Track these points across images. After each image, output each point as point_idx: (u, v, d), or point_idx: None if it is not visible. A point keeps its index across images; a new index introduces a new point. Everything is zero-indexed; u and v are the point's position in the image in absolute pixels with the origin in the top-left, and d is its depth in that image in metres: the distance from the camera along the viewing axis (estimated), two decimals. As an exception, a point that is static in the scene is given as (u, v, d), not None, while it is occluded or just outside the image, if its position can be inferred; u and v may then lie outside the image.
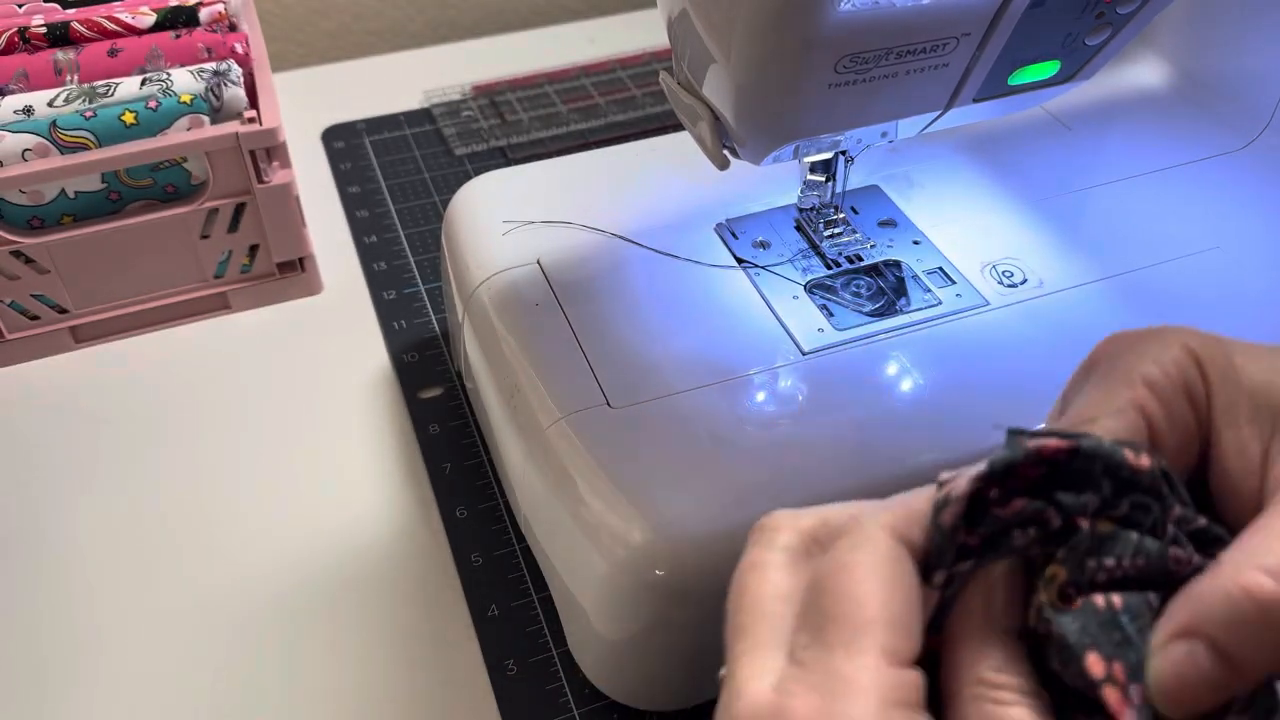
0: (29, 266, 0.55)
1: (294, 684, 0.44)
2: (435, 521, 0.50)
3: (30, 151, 0.53)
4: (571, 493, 0.40)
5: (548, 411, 0.42)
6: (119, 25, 0.59)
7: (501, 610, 0.46)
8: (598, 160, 0.55)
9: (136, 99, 0.55)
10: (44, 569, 0.48)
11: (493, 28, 0.93)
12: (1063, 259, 0.48)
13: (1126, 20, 0.41)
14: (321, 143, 0.74)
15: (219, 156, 0.55)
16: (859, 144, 0.44)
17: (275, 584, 0.48)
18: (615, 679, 0.42)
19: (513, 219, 0.50)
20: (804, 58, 0.36)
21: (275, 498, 0.51)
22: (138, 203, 0.57)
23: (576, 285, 0.47)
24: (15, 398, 0.56)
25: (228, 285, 0.60)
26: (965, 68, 0.40)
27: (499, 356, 0.46)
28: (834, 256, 0.48)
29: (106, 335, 0.59)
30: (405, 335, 0.59)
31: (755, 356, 0.44)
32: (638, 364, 0.43)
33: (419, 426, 0.54)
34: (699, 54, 0.39)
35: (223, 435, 0.54)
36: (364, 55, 0.90)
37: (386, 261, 0.64)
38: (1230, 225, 0.49)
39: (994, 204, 0.51)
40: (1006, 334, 0.44)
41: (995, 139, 0.54)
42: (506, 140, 0.73)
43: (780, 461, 0.40)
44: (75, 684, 0.44)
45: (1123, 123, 0.56)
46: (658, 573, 0.37)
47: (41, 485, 0.52)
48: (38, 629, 0.46)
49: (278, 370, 0.58)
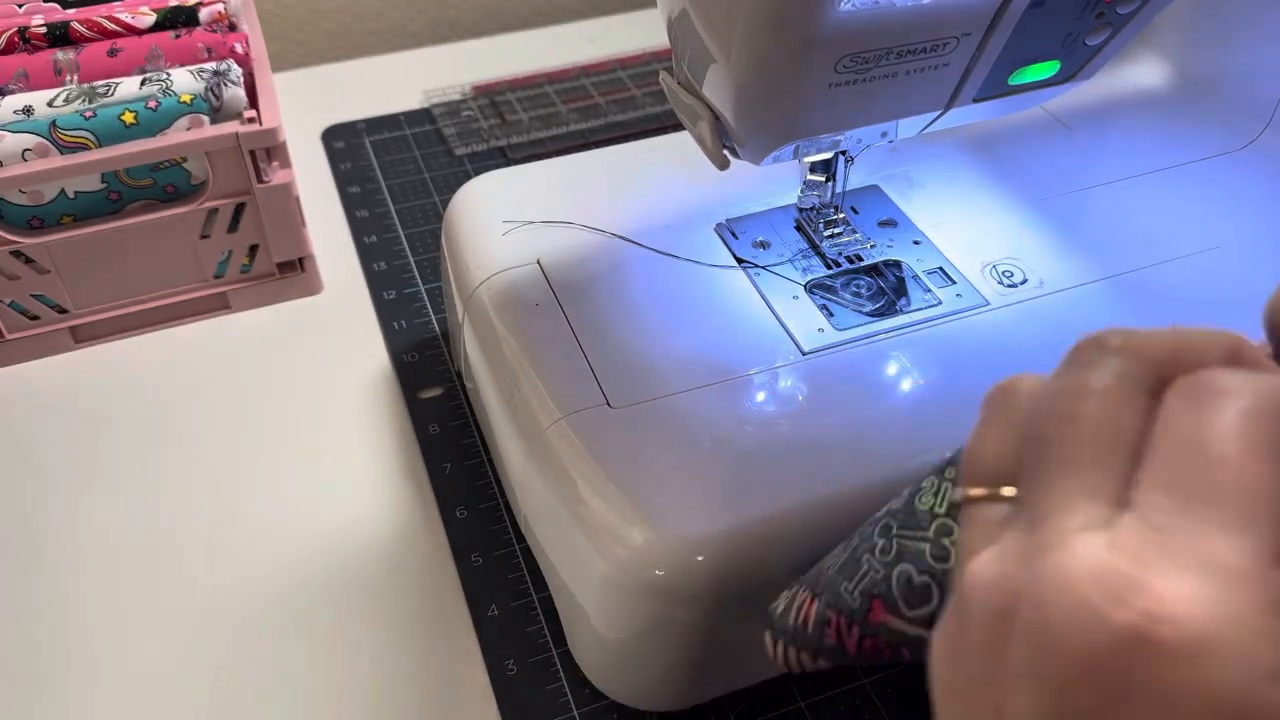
0: (29, 266, 0.55)
1: (293, 684, 0.44)
2: (435, 521, 0.50)
3: (30, 151, 0.53)
4: (571, 493, 0.40)
5: (548, 411, 0.42)
6: (119, 25, 0.59)
7: (501, 610, 0.46)
8: (598, 160, 0.55)
9: (136, 99, 0.55)
10: (44, 569, 0.48)
11: (493, 28, 0.93)
12: (1063, 259, 0.48)
13: (1126, 20, 0.41)
14: (321, 143, 0.74)
15: (219, 156, 0.55)
16: (859, 144, 0.44)
17: (275, 584, 0.48)
18: (615, 679, 0.42)
19: (513, 219, 0.50)
20: (804, 58, 0.36)
21: (275, 498, 0.51)
22: (138, 203, 0.57)
23: (576, 285, 0.47)
24: (15, 398, 0.56)
25: (228, 285, 0.60)
26: (965, 68, 0.40)
27: (499, 356, 0.46)
28: (834, 256, 0.48)
29: (106, 335, 0.59)
30: (405, 335, 0.59)
31: (755, 356, 0.44)
32: (638, 364, 0.43)
33: (419, 426, 0.54)
34: (699, 54, 0.39)
35: (223, 435, 0.54)
36: (364, 55, 0.90)
37: (386, 261, 0.64)
38: (1230, 225, 0.49)
39: (994, 204, 0.51)
40: (1006, 334, 0.44)
41: (995, 139, 0.54)
42: (506, 140, 0.73)
43: (780, 461, 0.40)
44: (75, 684, 0.44)
45: (1123, 123, 0.56)
46: (658, 573, 0.37)
47: (41, 485, 0.52)
48: (37, 629, 0.46)
49: (278, 370, 0.58)
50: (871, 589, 0.30)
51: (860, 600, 0.30)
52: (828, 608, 0.31)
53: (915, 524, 0.29)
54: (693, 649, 0.40)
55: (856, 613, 0.30)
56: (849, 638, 0.30)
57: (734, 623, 0.39)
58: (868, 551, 0.30)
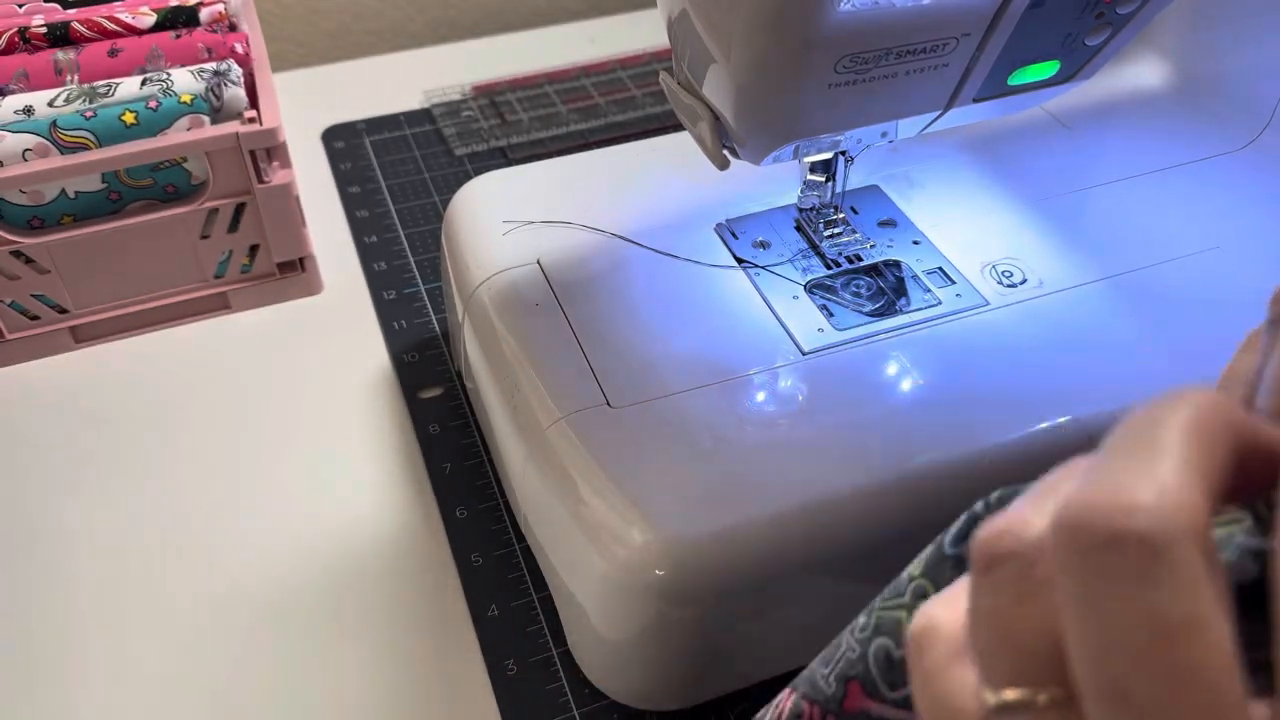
0: (29, 266, 0.55)
1: (293, 683, 0.44)
2: (435, 521, 0.50)
3: (30, 151, 0.53)
4: (571, 493, 0.40)
5: (548, 411, 0.42)
6: (119, 25, 0.59)
7: (501, 610, 0.46)
8: (598, 160, 0.55)
9: (136, 99, 0.55)
10: (43, 569, 0.48)
11: (493, 28, 0.93)
12: (1063, 259, 0.48)
13: (1126, 20, 0.41)
14: (321, 143, 0.74)
15: (219, 156, 0.55)
16: (859, 144, 0.44)
17: (275, 583, 0.48)
18: (615, 679, 0.42)
19: (513, 219, 0.50)
20: (804, 58, 0.36)
21: (275, 498, 0.51)
22: (138, 203, 0.57)
23: (576, 285, 0.47)
24: (15, 398, 0.56)
25: (228, 285, 0.60)
26: (965, 68, 0.40)
27: (499, 356, 0.46)
28: (834, 256, 0.48)
29: (106, 335, 0.59)
30: (405, 335, 0.59)
31: (755, 356, 0.44)
32: (638, 364, 0.43)
33: (419, 426, 0.54)
34: (699, 54, 0.39)
35: (223, 435, 0.54)
36: (364, 55, 0.90)
37: (386, 261, 0.64)
38: (1230, 225, 0.49)
39: (994, 204, 0.51)
40: (1006, 334, 0.44)
41: (995, 139, 0.54)
42: (506, 140, 0.73)
43: (780, 461, 0.40)
44: (74, 684, 0.44)
45: (1123, 123, 0.56)
46: (658, 573, 0.37)
47: (41, 485, 0.52)
48: (37, 629, 0.46)
49: (278, 370, 0.58)
50: (848, 671, 0.26)
51: (836, 686, 0.26)
52: (803, 698, 0.27)
53: (896, 591, 0.25)
54: (693, 649, 0.40)
55: (831, 701, 0.26)
56: None
57: (734, 623, 0.39)
58: (848, 631, 0.27)
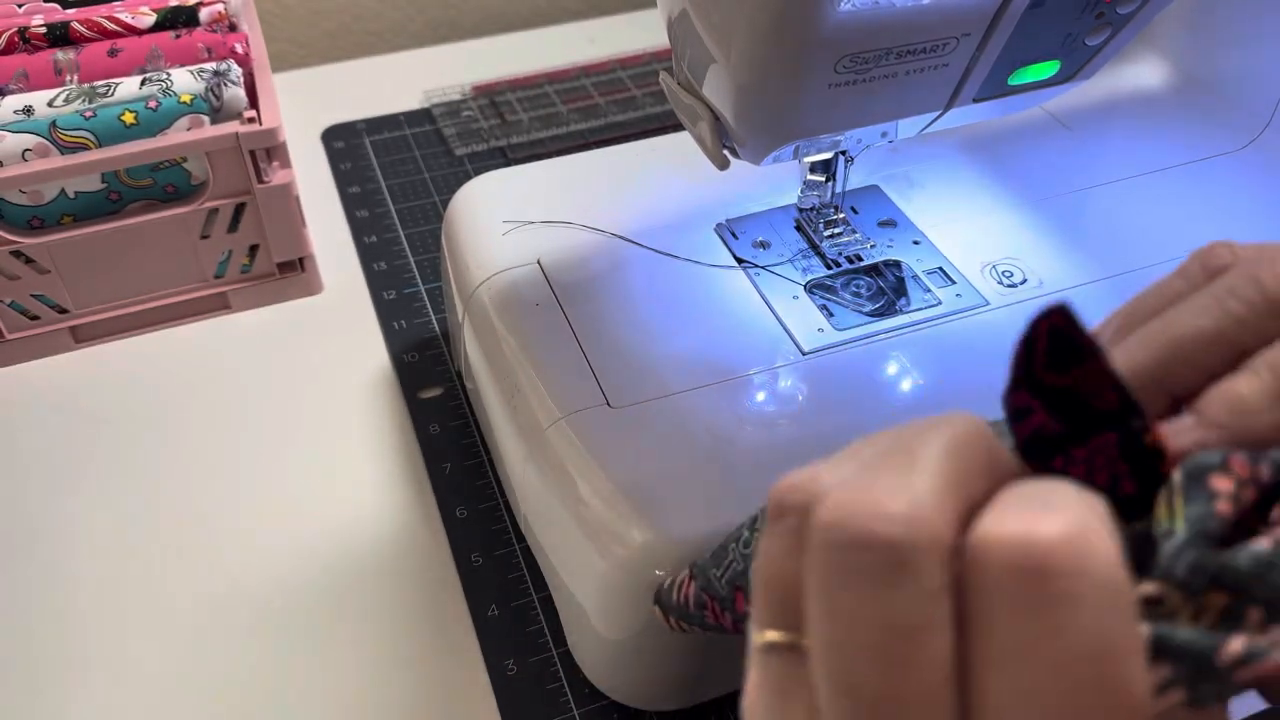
0: (29, 266, 0.55)
1: (293, 683, 0.44)
2: (435, 521, 0.50)
3: (30, 151, 0.53)
4: (571, 493, 0.40)
5: (548, 411, 0.42)
6: (119, 25, 0.59)
7: (501, 610, 0.46)
8: (598, 160, 0.55)
9: (136, 99, 0.55)
10: (43, 569, 0.48)
11: (493, 28, 0.93)
12: (1063, 259, 0.48)
13: (1126, 20, 0.41)
14: (321, 143, 0.74)
15: (219, 156, 0.55)
16: (859, 144, 0.44)
17: (275, 583, 0.48)
18: (615, 679, 0.42)
19: (513, 219, 0.50)
20: (804, 58, 0.36)
21: (275, 498, 0.51)
22: (138, 203, 0.57)
23: (576, 285, 0.47)
24: (15, 398, 0.56)
25: (228, 285, 0.60)
26: (965, 68, 0.40)
27: (499, 356, 0.46)
28: (834, 256, 0.48)
29: (106, 335, 0.59)
30: (405, 335, 0.59)
31: (755, 356, 0.44)
32: (638, 364, 0.43)
33: (419, 426, 0.54)
34: (699, 54, 0.39)
35: (223, 435, 0.54)
36: (364, 55, 0.90)
37: (386, 261, 0.64)
38: (1230, 225, 0.49)
39: (994, 204, 0.51)
40: (1007, 334, 0.44)
41: (995, 139, 0.54)
42: (506, 140, 0.73)
43: (780, 461, 0.39)
44: (74, 684, 0.44)
45: (1123, 123, 0.56)
46: (658, 573, 0.37)
47: (41, 485, 0.52)
48: (37, 628, 0.46)
49: (278, 370, 0.58)
50: (735, 579, 0.31)
51: (727, 589, 0.31)
52: (702, 590, 0.32)
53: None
54: (693, 649, 0.40)
55: (725, 601, 0.31)
56: (725, 620, 0.32)
57: (734, 623, 0.39)
58: (734, 540, 0.31)
